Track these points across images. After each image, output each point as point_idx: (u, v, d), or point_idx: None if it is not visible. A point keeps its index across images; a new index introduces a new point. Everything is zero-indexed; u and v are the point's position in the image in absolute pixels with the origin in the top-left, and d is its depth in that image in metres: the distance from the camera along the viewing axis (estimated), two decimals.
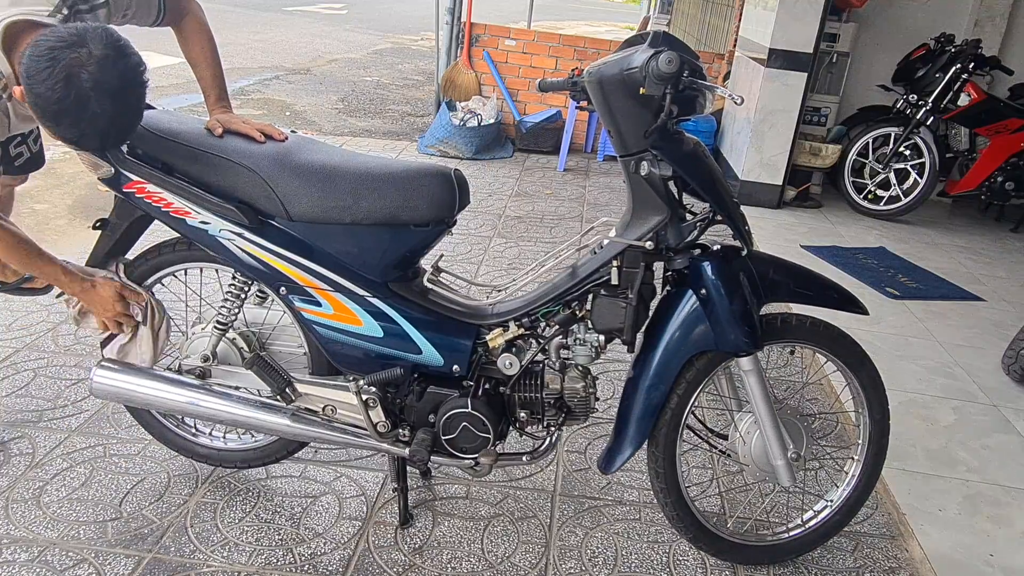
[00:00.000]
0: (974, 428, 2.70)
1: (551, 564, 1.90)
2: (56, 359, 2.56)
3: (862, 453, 1.91)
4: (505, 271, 3.62)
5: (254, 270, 1.76)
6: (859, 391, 1.87)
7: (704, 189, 1.61)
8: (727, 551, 1.91)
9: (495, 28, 6.21)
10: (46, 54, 1.43)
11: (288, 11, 13.68)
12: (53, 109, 1.45)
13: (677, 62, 1.43)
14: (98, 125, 1.49)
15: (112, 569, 1.75)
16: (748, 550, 1.93)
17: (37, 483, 2.00)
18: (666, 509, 1.86)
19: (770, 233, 4.60)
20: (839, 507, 1.93)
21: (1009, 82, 5.25)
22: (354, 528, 1.95)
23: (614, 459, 1.76)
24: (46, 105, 1.45)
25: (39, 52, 1.44)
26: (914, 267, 4.28)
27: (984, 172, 5.06)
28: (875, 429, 1.89)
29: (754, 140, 4.93)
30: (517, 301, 1.80)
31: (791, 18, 4.67)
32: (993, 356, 3.23)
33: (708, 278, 1.64)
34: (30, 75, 1.44)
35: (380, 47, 11.33)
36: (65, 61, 1.43)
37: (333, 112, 6.77)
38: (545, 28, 8.78)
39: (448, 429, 1.76)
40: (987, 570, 2.03)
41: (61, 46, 1.43)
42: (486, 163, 5.60)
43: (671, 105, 1.48)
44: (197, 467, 2.11)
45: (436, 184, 1.71)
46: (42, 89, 1.43)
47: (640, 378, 1.74)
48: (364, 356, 1.79)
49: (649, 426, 1.75)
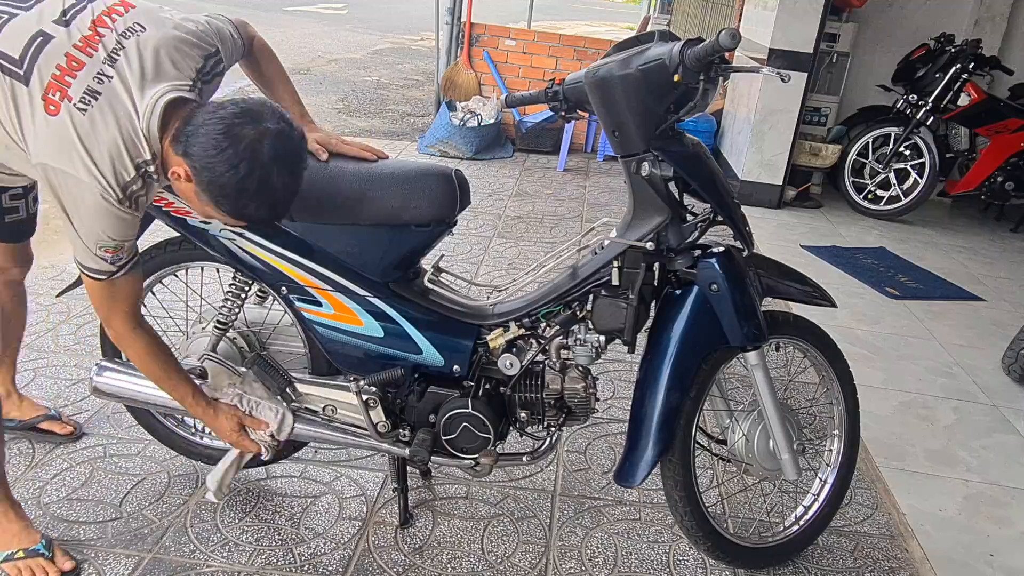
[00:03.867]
0: (974, 428, 2.70)
1: (551, 564, 1.90)
2: (56, 359, 2.56)
3: (839, 443, 1.98)
4: (505, 271, 3.62)
5: (255, 270, 1.76)
6: (835, 382, 1.93)
7: (705, 190, 1.61)
8: (742, 557, 1.89)
9: (495, 28, 6.21)
10: (225, 132, 1.36)
11: (288, 11, 13.68)
12: (235, 188, 1.38)
13: (739, 36, 1.40)
14: (275, 199, 1.44)
15: (112, 569, 1.75)
16: (760, 553, 1.92)
17: (37, 483, 2.00)
18: (684, 520, 1.78)
19: (770, 233, 4.60)
20: (826, 497, 1.97)
21: (1009, 82, 5.25)
22: (354, 528, 1.95)
23: (636, 469, 1.69)
24: (228, 184, 1.38)
25: (217, 131, 1.37)
26: (914, 267, 4.29)
27: (984, 172, 5.06)
28: (849, 419, 1.97)
29: (754, 140, 4.93)
30: (518, 301, 1.80)
31: (791, 18, 4.68)
32: (993, 356, 3.23)
33: (718, 273, 1.64)
34: (209, 156, 1.37)
35: (380, 47, 11.33)
36: (248, 140, 1.37)
37: (333, 112, 6.77)
38: (545, 28, 8.77)
39: (448, 429, 1.76)
40: (987, 570, 2.03)
41: (240, 123, 1.37)
42: (486, 163, 5.60)
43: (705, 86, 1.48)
44: (197, 467, 2.11)
45: (437, 184, 1.71)
46: (224, 168, 1.36)
47: (655, 381, 1.69)
48: (365, 356, 1.79)
49: (671, 430, 1.69)
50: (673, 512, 1.81)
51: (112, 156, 1.38)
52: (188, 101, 1.45)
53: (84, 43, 1.40)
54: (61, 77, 1.37)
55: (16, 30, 1.39)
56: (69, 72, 1.37)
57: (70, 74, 1.37)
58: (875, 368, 3.05)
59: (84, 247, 1.45)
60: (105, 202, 1.40)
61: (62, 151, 1.37)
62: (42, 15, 1.41)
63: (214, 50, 1.53)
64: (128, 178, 1.41)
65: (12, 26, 1.39)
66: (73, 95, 1.37)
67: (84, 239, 1.44)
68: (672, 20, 9.30)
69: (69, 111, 1.36)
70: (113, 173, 1.39)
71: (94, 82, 1.38)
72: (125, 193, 1.41)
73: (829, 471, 1.99)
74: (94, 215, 1.41)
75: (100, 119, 1.37)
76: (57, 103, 1.36)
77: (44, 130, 1.37)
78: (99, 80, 1.38)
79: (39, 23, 1.40)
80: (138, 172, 1.42)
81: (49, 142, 1.37)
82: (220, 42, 1.56)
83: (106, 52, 1.40)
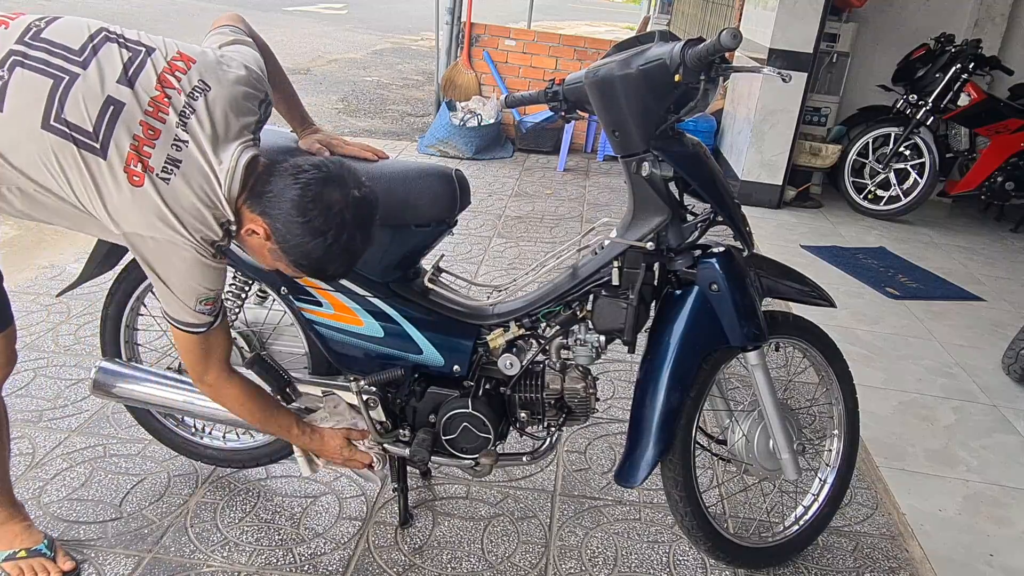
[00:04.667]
0: (974, 428, 2.70)
1: (551, 564, 1.90)
2: (56, 359, 2.56)
3: (839, 443, 1.98)
4: (505, 271, 3.62)
5: (255, 270, 1.76)
6: (835, 382, 1.94)
7: (705, 190, 1.61)
8: (742, 557, 1.89)
9: (495, 28, 6.21)
10: (314, 200, 1.37)
11: (288, 11, 13.68)
12: (320, 253, 1.40)
13: (741, 36, 1.40)
14: (354, 260, 1.47)
15: (112, 569, 1.75)
16: (760, 553, 1.92)
17: (37, 483, 2.00)
18: (685, 520, 1.78)
19: (770, 233, 4.60)
20: (825, 497, 1.97)
21: (1009, 82, 5.25)
22: (354, 528, 1.95)
23: (637, 469, 1.69)
24: (313, 250, 1.39)
25: (304, 198, 1.37)
26: (914, 267, 4.29)
27: (984, 172, 5.06)
28: (848, 419, 1.97)
29: (754, 140, 4.93)
30: (518, 301, 1.80)
31: (791, 18, 4.68)
32: (993, 356, 3.23)
33: (718, 273, 1.64)
34: (294, 221, 1.37)
35: (380, 47, 11.33)
36: (336, 209, 1.38)
37: (333, 112, 6.77)
38: (545, 28, 8.78)
39: (448, 429, 1.76)
40: (987, 570, 2.03)
41: (327, 191, 1.38)
42: (486, 163, 5.60)
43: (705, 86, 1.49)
44: (197, 467, 2.11)
45: (437, 184, 1.71)
46: (310, 235, 1.38)
47: (655, 381, 1.69)
48: (365, 356, 1.79)
49: (672, 430, 1.69)
50: (673, 512, 1.81)
51: (198, 220, 1.37)
52: (258, 157, 1.44)
53: (155, 108, 1.35)
54: (139, 148, 1.32)
55: (83, 97, 1.30)
56: (147, 142, 1.33)
57: (148, 144, 1.33)
58: (875, 368, 3.05)
59: (182, 305, 1.43)
60: (201, 256, 1.39)
61: (152, 220, 1.34)
62: (103, 75, 1.32)
63: (264, 95, 1.51)
64: (217, 238, 1.41)
65: (77, 92, 1.30)
66: (155, 165, 1.33)
67: (182, 298, 1.42)
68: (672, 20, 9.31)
69: (153, 182, 1.33)
70: (203, 235, 1.39)
71: (172, 150, 1.35)
72: (215, 248, 1.42)
73: (829, 471, 1.99)
74: (191, 271, 1.40)
75: (183, 187, 1.35)
76: (141, 174, 1.32)
77: (129, 202, 1.33)
78: (176, 148, 1.35)
79: (103, 87, 1.32)
80: (224, 231, 1.42)
81: (136, 213, 1.34)
82: (266, 85, 1.53)
83: (176, 115, 1.36)
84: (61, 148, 1.30)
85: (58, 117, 1.29)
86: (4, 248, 3.37)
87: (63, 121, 1.29)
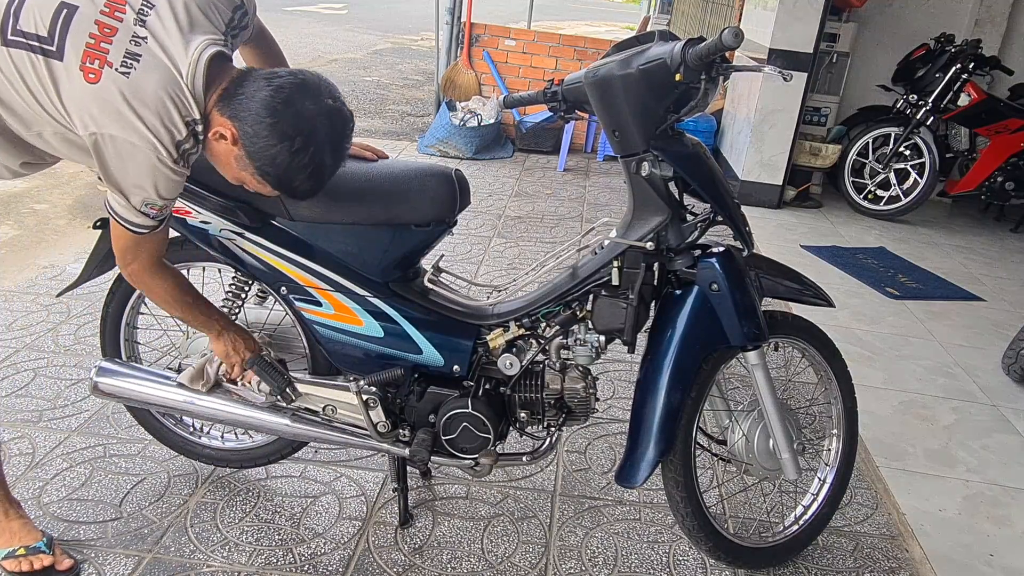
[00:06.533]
0: (974, 428, 2.70)
1: (551, 564, 1.90)
2: (56, 359, 2.56)
3: (838, 442, 1.98)
4: (505, 271, 3.62)
5: (255, 270, 1.76)
6: (833, 382, 1.94)
7: (705, 190, 1.61)
8: (742, 557, 1.88)
9: (495, 28, 6.21)
10: (284, 103, 1.35)
11: (288, 11, 13.68)
12: (286, 161, 1.38)
13: (742, 35, 1.40)
14: (321, 176, 1.43)
15: (112, 569, 1.75)
16: (760, 553, 1.92)
17: (37, 483, 2.00)
18: (685, 520, 1.78)
19: (770, 233, 4.60)
20: (825, 497, 1.97)
21: (1009, 82, 5.25)
22: (354, 528, 1.95)
23: (637, 469, 1.68)
24: (278, 155, 1.37)
25: (275, 100, 1.35)
26: (914, 267, 4.29)
27: (984, 172, 5.06)
28: (847, 417, 1.97)
29: (754, 140, 4.93)
30: (518, 301, 1.80)
31: (791, 18, 4.68)
32: (993, 356, 3.23)
33: (718, 273, 1.64)
34: (263, 123, 1.35)
35: (380, 47, 11.33)
36: (306, 114, 1.36)
37: None
38: (545, 28, 8.77)
39: (448, 429, 1.76)
40: (987, 570, 2.03)
41: (299, 96, 1.36)
42: (486, 163, 5.60)
43: (706, 86, 1.49)
44: (197, 467, 2.11)
45: (437, 184, 1.71)
46: (277, 139, 1.36)
47: (656, 381, 1.69)
48: (364, 356, 1.79)
49: (673, 430, 1.69)
50: (674, 512, 1.81)
51: (162, 116, 1.35)
52: (227, 58, 1.43)
53: (111, 8, 1.36)
54: (96, 45, 1.33)
55: (37, 7, 1.35)
56: (103, 39, 1.34)
57: (105, 40, 1.34)
58: (875, 368, 3.05)
59: (127, 204, 1.42)
60: (159, 163, 1.37)
61: (111, 117, 1.34)
62: None
63: (239, 2, 1.51)
64: (180, 137, 1.38)
65: (30, 3, 1.35)
66: (113, 60, 1.33)
67: (130, 197, 1.40)
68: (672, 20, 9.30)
69: (112, 77, 1.33)
70: (166, 133, 1.36)
71: (131, 45, 1.35)
72: (179, 151, 1.39)
73: (828, 470, 1.99)
74: (146, 175, 1.38)
75: (144, 81, 1.34)
76: (97, 71, 1.33)
77: (88, 99, 1.34)
78: (135, 42, 1.35)
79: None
80: (189, 130, 1.39)
81: (95, 110, 1.34)
82: None
83: (135, 13, 1.37)
84: (21, 60, 1.34)
85: (15, 30, 1.34)
86: (4, 248, 3.38)
87: (19, 32, 1.35)
